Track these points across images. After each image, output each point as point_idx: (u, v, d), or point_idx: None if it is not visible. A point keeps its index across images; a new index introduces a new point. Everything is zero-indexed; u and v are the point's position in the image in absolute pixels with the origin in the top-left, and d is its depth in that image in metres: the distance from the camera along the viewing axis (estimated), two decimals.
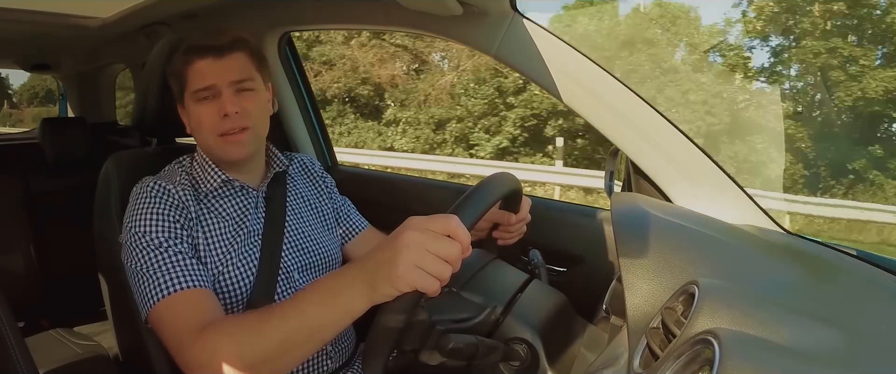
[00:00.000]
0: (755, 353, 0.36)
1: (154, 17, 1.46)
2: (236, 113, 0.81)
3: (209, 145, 0.84)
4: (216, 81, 0.80)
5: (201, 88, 0.81)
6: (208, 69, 0.80)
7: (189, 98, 0.83)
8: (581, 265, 1.08)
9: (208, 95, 0.81)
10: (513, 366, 0.68)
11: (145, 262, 0.74)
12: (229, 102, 0.80)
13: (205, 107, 0.81)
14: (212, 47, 0.81)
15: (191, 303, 0.71)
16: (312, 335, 0.57)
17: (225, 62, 0.81)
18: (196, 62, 0.81)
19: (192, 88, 0.81)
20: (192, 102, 0.82)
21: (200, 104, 0.82)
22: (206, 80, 0.80)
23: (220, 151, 0.83)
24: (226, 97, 0.80)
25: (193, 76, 0.81)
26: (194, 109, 0.82)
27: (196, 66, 0.81)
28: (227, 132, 0.81)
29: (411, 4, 0.95)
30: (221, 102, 0.80)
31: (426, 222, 0.52)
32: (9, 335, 0.52)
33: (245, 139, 0.83)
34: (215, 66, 0.81)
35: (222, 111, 0.80)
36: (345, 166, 1.61)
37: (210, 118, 0.81)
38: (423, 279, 0.50)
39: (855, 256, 0.76)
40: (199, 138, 0.85)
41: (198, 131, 0.84)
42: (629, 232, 0.62)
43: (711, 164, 0.87)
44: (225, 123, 0.81)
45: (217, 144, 0.82)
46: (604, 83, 0.89)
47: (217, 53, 0.81)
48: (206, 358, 0.61)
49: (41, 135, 1.66)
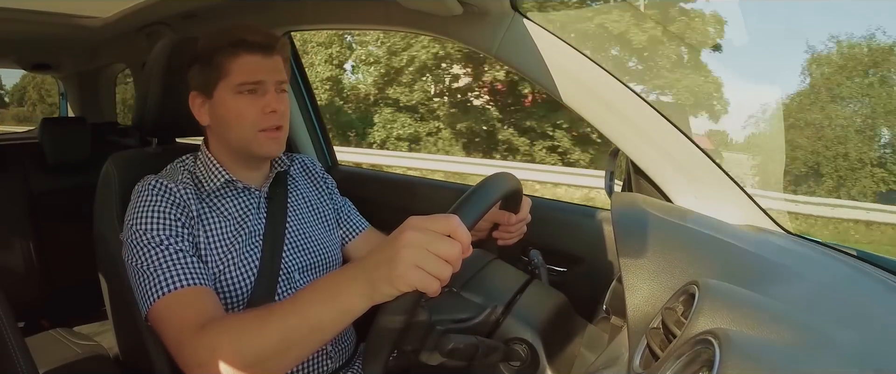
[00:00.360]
0: (755, 353, 0.36)
1: (154, 17, 1.46)
2: (282, 111, 0.83)
3: (246, 139, 0.83)
4: (265, 78, 0.82)
5: (249, 82, 0.81)
6: (258, 65, 0.81)
7: (227, 89, 0.82)
8: (581, 265, 1.08)
9: (254, 89, 0.82)
10: (513, 366, 0.68)
11: (146, 260, 0.73)
12: (275, 100, 0.82)
13: (247, 100, 0.82)
14: (262, 45, 0.82)
15: (191, 301, 0.71)
16: (312, 333, 0.56)
17: (272, 61, 0.83)
18: (243, 56, 0.81)
19: (236, 80, 0.81)
20: (232, 94, 0.81)
21: (242, 97, 0.81)
22: (255, 75, 0.81)
23: (257, 146, 0.83)
24: (271, 95, 0.82)
25: (240, 69, 0.81)
26: (234, 102, 0.82)
27: (243, 59, 0.81)
28: (267, 128, 0.82)
29: (411, 4, 0.95)
30: (267, 98, 0.82)
31: (426, 222, 0.52)
32: (9, 335, 0.52)
33: (281, 137, 0.85)
34: (264, 63, 0.82)
35: (268, 107, 0.81)
36: (345, 166, 1.61)
37: (253, 112, 0.82)
38: (423, 279, 0.50)
39: (855, 256, 0.76)
40: (232, 131, 0.83)
41: (236, 123, 0.82)
42: (629, 232, 0.62)
43: (711, 164, 0.87)
44: (270, 119, 0.82)
45: (257, 138, 0.83)
46: (604, 83, 0.89)
47: (266, 51, 0.82)
48: (205, 356, 0.61)
49: (41, 135, 1.66)
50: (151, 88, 0.96)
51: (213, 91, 0.83)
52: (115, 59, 2.03)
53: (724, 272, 0.56)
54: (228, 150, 0.86)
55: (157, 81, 0.95)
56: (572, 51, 0.90)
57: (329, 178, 1.05)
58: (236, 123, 0.82)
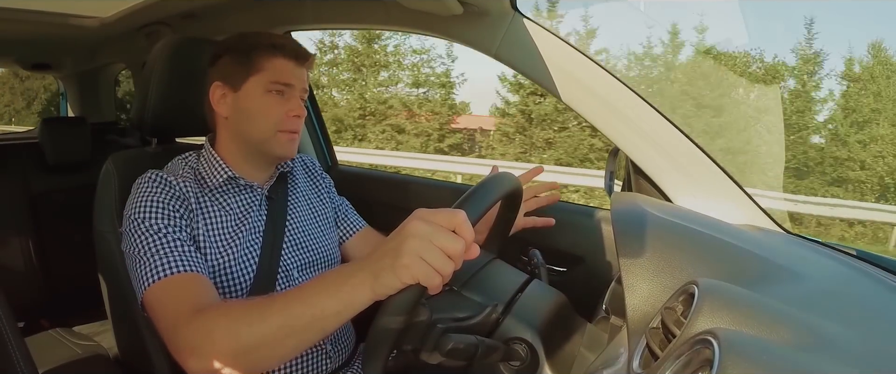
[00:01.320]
0: (755, 353, 0.36)
1: (154, 17, 1.46)
2: (302, 117, 0.86)
3: (265, 137, 0.85)
4: (295, 82, 0.85)
5: (282, 82, 0.84)
6: (291, 70, 0.85)
7: (258, 86, 0.83)
8: (581, 265, 1.08)
9: (283, 91, 0.84)
10: (513, 366, 0.68)
11: (143, 246, 0.73)
12: (299, 106, 0.85)
13: (274, 100, 0.84)
14: (298, 53, 0.85)
15: (187, 286, 0.71)
16: (314, 323, 0.56)
17: (302, 70, 0.86)
18: (280, 58, 0.84)
19: (269, 78, 0.83)
20: (261, 92, 0.83)
21: (270, 96, 0.84)
22: (288, 77, 0.84)
23: (276, 146, 0.85)
24: (296, 100, 0.85)
25: (275, 69, 0.83)
26: (262, 98, 0.84)
27: (280, 61, 0.84)
28: (287, 130, 0.85)
29: (411, 4, 0.95)
30: (293, 103, 0.85)
31: (433, 215, 0.52)
32: (9, 335, 0.52)
33: (297, 140, 0.87)
34: (297, 70, 0.85)
35: (293, 111, 0.84)
36: (345, 166, 1.61)
37: (278, 112, 0.84)
38: (425, 272, 0.50)
39: (855, 255, 0.76)
40: (254, 126, 0.84)
41: (260, 119, 0.84)
42: (629, 232, 0.62)
43: (712, 163, 0.87)
44: (292, 122, 0.85)
45: (275, 137, 0.85)
46: (604, 83, 0.89)
47: (300, 60, 0.86)
48: (199, 340, 0.60)
49: (41, 135, 1.66)
50: (151, 88, 0.96)
51: (242, 84, 0.84)
52: (114, 59, 2.03)
53: (724, 272, 0.56)
54: (240, 145, 0.87)
55: (156, 80, 0.95)
56: (572, 51, 0.90)
57: (327, 177, 1.06)
58: (261, 118, 0.84)
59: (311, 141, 1.55)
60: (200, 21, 1.41)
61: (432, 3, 0.93)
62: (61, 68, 2.23)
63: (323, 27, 1.30)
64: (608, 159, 0.99)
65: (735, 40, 9.46)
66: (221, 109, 0.86)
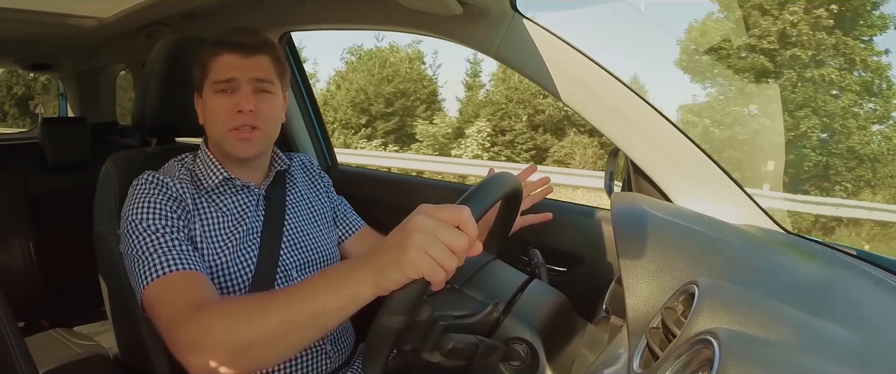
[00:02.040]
0: (755, 353, 0.36)
1: (154, 17, 1.46)
2: (250, 111, 0.82)
3: (219, 138, 0.84)
4: (237, 75, 0.82)
5: (222, 80, 0.82)
6: (234, 64, 0.82)
7: (208, 88, 0.84)
8: (581, 265, 1.08)
9: (227, 88, 0.82)
10: (513, 366, 0.68)
11: (141, 246, 0.74)
12: (245, 99, 0.82)
13: (221, 99, 0.83)
14: (241, 44, 0.82)
15: (186, 284, 0.70)
16: (315, 318, 0.55)
17: (250, 61, 0.83)
18: (223, 55, 0.82)
19: (213, 78, 0.82)
20: (211, 93, 0.83)
21: (217, 96, 0.83)
22: (228, 72, 0.82)
23: (228, 146, 0.84)
24: (243, 93, 0.82)
25: (217, 67, 0.82)
26: (211, 100, 0.83)
27: (222, 58, 0.82)
28: (238, 128, 0.82)
29: (411, 4, 0.95)
30: (238, 97, 0.82)
31: (437, 211, 0.51)
32: (9, 335, 0.52)
33: (254, 138, 0.84)
34: (241, 62, 0.82)
35: (237, 106, 0.82)
36: (344, 166, 1.61)
37: (224, 110, 0.82)
38: (430, 266, 0.50)
39: (855, 255, 0.76)
40: (210, 130, 0.86)
41: (210, 122, 0.85)
42: (629, 232, 0.62)
43: (711, 164, 0.87)
44: (238, 118, 0.82)
45: (226, 138, 0.83)
46: (604, 83, 0.89)
47: (245, 51, 0.83)
48: (199, 336, 0.59)
49: (41, 135, 1.66)
50: (151, 88, 0.96)
51: (203, 90, 0.85)
52: (114, 60, 2.03)
53: (724, 272, 0.56)
54: (216, 148, 0.88)
55: (156, 81, 0.95)
56: (572, 51, 0.90)
57: (325, 176, 1.06)
58: (211, 121, 0.84)
59: (311, 141, 1.55)
60: (200, 21, 1.41)
61: (432, 4, 0.93)
62: (61, 68, 2.23)
63: (323, 27, 1.30)
64: (608, 159, 0.99)
65: None
66: (200, 117, 0.88)
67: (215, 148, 0.88)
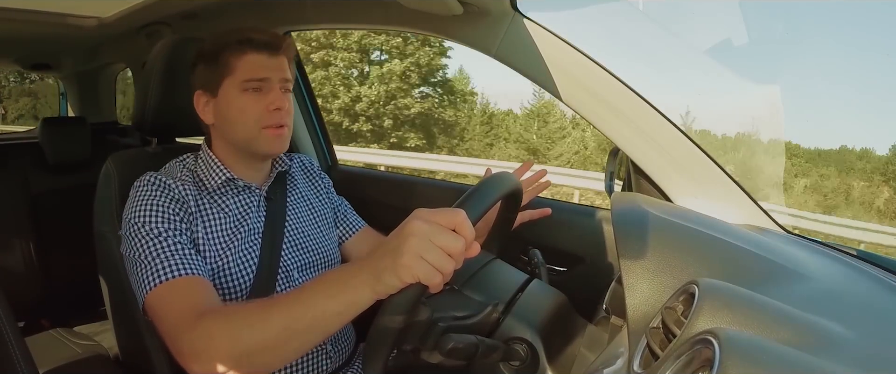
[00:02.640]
0: (755, 353, 0.36)
1: (154, 17, 1.46)
2: (286, 109, 0.83)
3: (250, 137, 0.83)
4: (270, 75, 0.82)
5: (254, 79, 0.82)
6: (263, 63, 0.82)
7: (233, 87, 0.82)
8: (581, 265, 1.08)
9: (259, 87, 0.82)
10: (513, 366, 0.68)
11: (143, 250, 0.73)
12: (279, 98, 0.82)
13: (252, 97, 0.82)
14: (268, 43, 0.83)
15: (188, 290, 0.70)
16: (315, 324, 0.55)
17: (278, 60, 0.83)
18: (250, 54, 0.82)
19: (241, 77, 0.82)
20: (237, 92, 0.82)
21: (247, 94, 0.82)
22: (260, 72, 0.82)
23: (263, 144, 0.84)
24: (276, 93, 0.82)
25: (246, 66, 0.82)
26: (238, 99, 0.82)
27: (250, 57, 0.82)
28: (271, 125, 0.82)
29: (412, 4, 0.95)
30: (272, 96, 0.82)
31: (433, 215, 0.52)
32: (9, 335, 0.52)
33: (285, 135, 0.85)
34: (270, 61, 0.82)
35: (273, 105, 0.82)
36: (344, 166, 1.61)
37: (257, 109, 0.82)
38: (426, 271, 0.50)
39: (855, 255, 0.76)
40: (237, 128, 0.84)
41: (240, 120, 0.83)
42: (629, 232, 0.62)
43: (712, 164, 0.87)
44: (273, 116, 0.82)
45: (260, 135, 0.83)
46: (604, 83, 0.89)
47: (273, 51, 0.83)
48: (202, 344, 0.60)
49: (41, 134, 1.66)
50: (151, 87, 0.96)
51: (219, 89, 0.83)
52: (115, 59, 2.03)
53: (724, 272, 0.56)
54: (232, 148, 0.87)
55: (157, 80, 0.95)
56: (573, 51, 0.90)
57: (326, 177, 1.06)
58: (241, 119, 0.83)
59: (311, 141, 1.55)
60: (200, 21, 1.41)
61: (432, 3, 0.93)
62: (61, 68, 2.23)
63: (323, 27, 1.30)
64: (608, 159, 0.99)
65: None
66: (206, 117, 0.87)
67: (230, 148, 0.87)
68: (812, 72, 12.74)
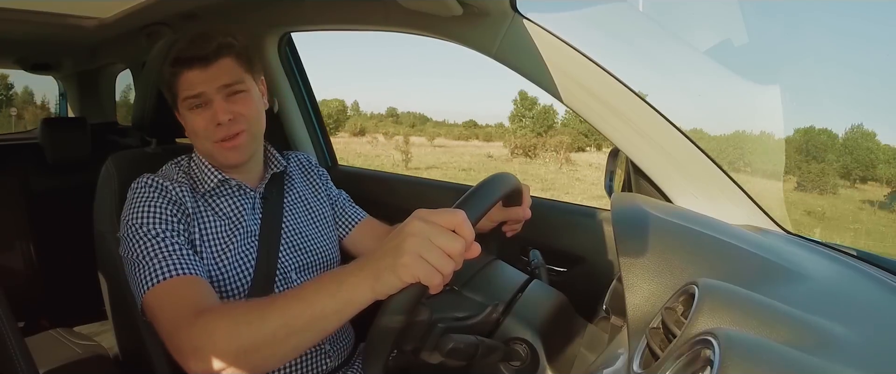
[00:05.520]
0: (755, 353, 0.36)
1: (154, 17, 1.46)
2: (230, 120, 0.82)
3: (208, 151, 0.85)
4: (205, 89, 0.81)
5: (191, 96, 0.81)
6: (196, 78, 0.81)
7: (182, 106, 0.84)
8: (581, 265, 1.08)
9: (199, 103, 0.82)
10: (513, 366, 0.68)
11: (141, 251, 0.74)
12: (221, 110, 0.81)
13: (197, 114, 0.82)
14: (197, 58, 0.81)
15: (186, 289, 0.71)
16: (314, 322, 0.56)
17: (212, 70, 0.81)
18: (184, 73, 0.81)
19: (183, 96, 0.82)
20: (186, 110, 0.84)
21: (193, 112, 0.83)
22: (195, 88, 0.81)
23: (220, 157, 0.84)
24: (217, 104, 0.81)
25: (183, 85, 0.82)
26: (188, 117, 0.84)
27: (184, 74, 0.81)
28: (223, 139, 0.82)
29: (411, 5, 0.95)
30: (213, 109, 0.81)
31: (432, 215, 0.52)
32: (9, 335, 0.52)
33: (242, 143, 0.84)
34: (203, 75, 0.81)
35: (215, 119, 0.81)
36: (344, 166, 1.61)
37: (204, 126, 0.82)
38: (426, 271, 0.50)
39: (855, 256, 0.76)
40: (196, 144, 0.87)
41: (194, 138, 0.85)
42: (629, 232, 0.62)
43: (711, 164, 0.87)
44: (219, 130, 0.82)
45: (216, 150, 0.84)
46: (604, 83, 0.89)
47: (203, 63, 0.81)
48: (201, 341, 0.60)
49: (41, 135, 1.66)
50: (151, 88, 0.96)
51: (178, 108, 0.85)
52: (115, 59, 2.03)
53: (724, 272, 0.56)
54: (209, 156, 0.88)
55: (156, 81, 0.95)
56: (572, 51, 0.90)
57: (323, 171, 1.05)
58: (194, 137, 0.85)
59: (311, 140, 1.55)
60: (201, 21, 1.41)
61: (432, 4, 0.93)
62: (61, 68, 2.23)
63: (323, 28, 1.30)
64: (608, 159, 1.00)
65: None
66: (186, 131, 0.88)
67: (209, 159, 0.88)
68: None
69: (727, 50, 2.14)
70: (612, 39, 8.23)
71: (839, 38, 26.79)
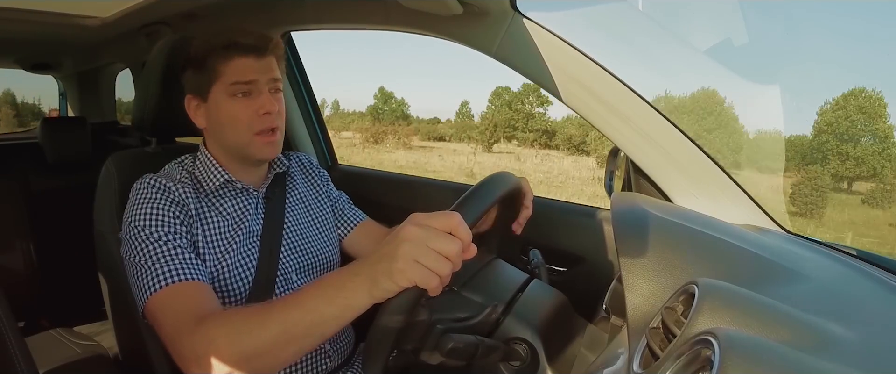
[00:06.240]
0: (755, 353, 0.36)
1: (154, 17, 1.46)
2: (277, 112, 0.82)
3: (242, 143, 0.83)
4: (258, 78, 0.81)
5: (242, 82, 0.81)
6: (250, 66, 0.81)
7: (221, 92, 0.82)
8: (581, 265, 1.08)
9: (248, 90, 0.81)
10: (513, 366, 0.68)
11: (143, 254, 0.73)
12: (269, 101, 0.82)
13: (241, 102, 0.81)
14: (254, 46, 0.81)
15: (188, 295, 0.71)
16: (313, 328, 0.56)
17: (265, 61, 0.82)
18: (236, 58, 0.81)
19: (229, 81, 0.81)
20: (226, 97, 0.82)
21: (235, 99, 0.81)
22: (248, 75, 0.81)
23: (255, 150, 0.83)
24: (266, 96, 0.82)
25: (233, 70, 0.81)
26: (228, 104, 0.82)
27: (236, 61, 0.81)
28: (263, 131, 0.82)
29: (412, 4, 0.95)
30: (261, 99, 0.81)
31: (428, 219, 0.51)
32: (9, 335, 0.52)
33: (276, 140, 0.84)
34: (257, 64, 0.81)
35: (263, 108, 0.81)
36: (344, 166, 1.61)
37: (247, 114, 0.81)
38: (422, 274, 0.50)
39: (855, 255, 0.76)
40: (229, 134, 0.84)
41: (231, 127, 0.83)
42: (629, 232, 0.62)
43: (711, 164, 0.87)
44: (264, 120, 0.82)
45: (253, 142, 0.83)
46: (604, 83, 0.89)
47: (259, 53, 0.82)
48: (202, 348, 0.60)
49: (41, 135, 1.66)
50: (151, 87, 0.96)
51: (208, 94, 0.83)
52: (115, 59, 2.03)
53: (724, 272, 0.56)
54: (226, 151, 0.87)
55: (156, 80, 0.95)
56: (573, 51, 0.90)
57: (324, 172, 1.05)
58: (231, 126, 0.83)
59: (311, 141, 1.55)
60: (200, 21, 1.41)
61: (432, 3, 0.93)
62: (61, 68, 2.23)
63: (323, 27, 1.30)
64: (608, 159, 0.99)
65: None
66: (199, 121, 0.86)
67: (225, 151, 0.87)
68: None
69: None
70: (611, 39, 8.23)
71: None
